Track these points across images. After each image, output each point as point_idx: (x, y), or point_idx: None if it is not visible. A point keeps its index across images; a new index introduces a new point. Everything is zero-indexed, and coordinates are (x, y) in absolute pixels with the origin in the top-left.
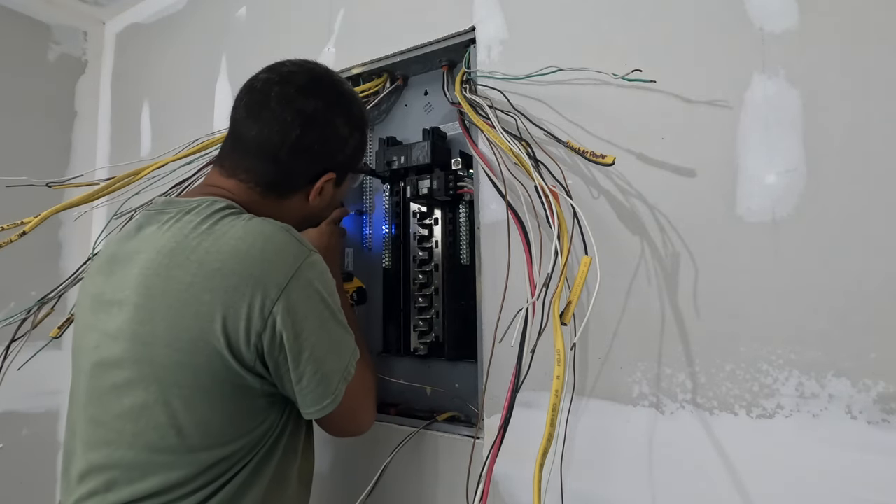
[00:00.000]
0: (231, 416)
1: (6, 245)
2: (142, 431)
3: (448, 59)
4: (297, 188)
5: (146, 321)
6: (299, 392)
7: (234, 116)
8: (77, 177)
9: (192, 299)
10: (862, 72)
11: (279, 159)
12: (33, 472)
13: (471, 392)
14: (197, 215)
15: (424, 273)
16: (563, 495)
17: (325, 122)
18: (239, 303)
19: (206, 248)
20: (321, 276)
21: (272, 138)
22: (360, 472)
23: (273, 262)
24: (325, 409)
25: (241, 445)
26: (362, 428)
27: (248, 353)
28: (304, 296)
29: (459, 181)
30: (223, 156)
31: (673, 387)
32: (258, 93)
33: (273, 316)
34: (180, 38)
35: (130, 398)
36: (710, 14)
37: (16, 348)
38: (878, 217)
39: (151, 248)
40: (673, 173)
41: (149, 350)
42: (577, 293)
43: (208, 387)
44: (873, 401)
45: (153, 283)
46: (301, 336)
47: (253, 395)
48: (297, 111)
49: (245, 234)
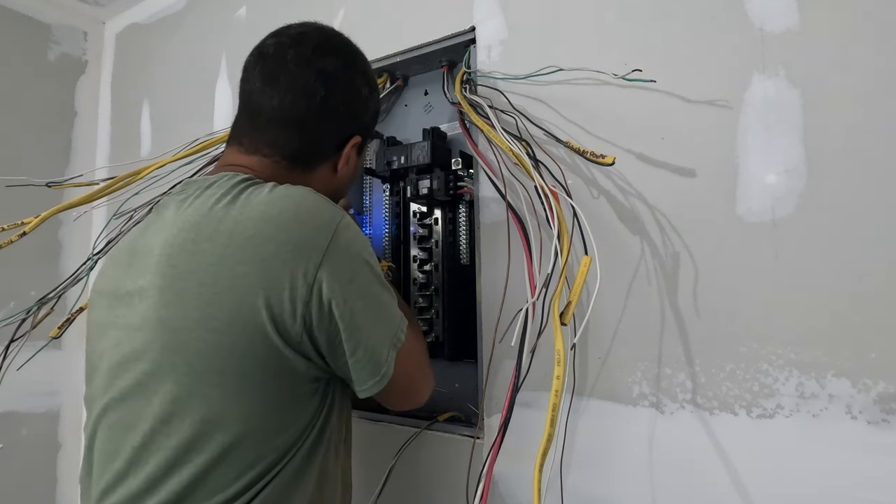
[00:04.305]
0: (275, 405)
1: (6, 245)
2: (174, 431)
3: (448, 59)
4: (325, 157)
5: (173, 303)
6: (354, 365)
7: (248, 88)
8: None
9: (225, 273)
10: (862, 72)
11: (305, 126)
12: (33, 472)
13: (471, 392)
14: (218, 188)
15: (424, 273)
16: (563, 495)
17: (348, 81)
18: (280, 271)
19: (235, 217)
20: (359, 237)
21: (297, 103)
22: (362, 472)
23: (309, 225)
24: (381, 382)
25: (284, 441)
26: (423, 396)
27: (294, 328)
28: (347, 258)
29: (459, 181)
30: (240, 133)
31: (673, 387)
32: (272, 58)
33: (318, 282)
34: (180, 38)
35: (160, 396)
36: (710, 14)
37: (15, 348)
38: (878, 217)
39: (172, 227)
40: (673, 173)
41: (178, 337)
42: (577, 293)
43: (250, 371)
44: (873, 401)
45: (178, 261)
46: (349, 301)
47: (298, 379)
48: (318, 71)
49: (273, 198)
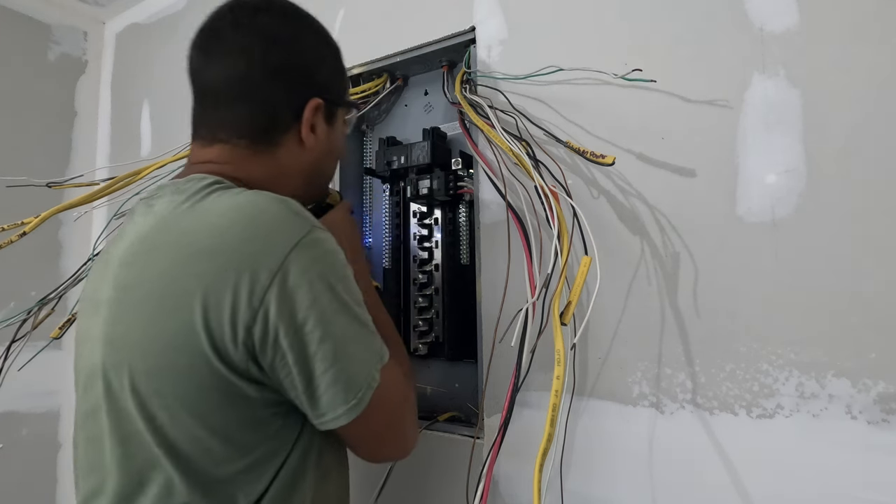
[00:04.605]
0: (227, 432)
1: (6, 245)
2: (132, 454)
3: (448, 59)
4: (283, 127)
5: (118, 320)
6: (308, 397)
7: (191, 68)
8: (77, 177)
9: (169, 290)
10: (862, 72)
11: (250, 93)
12: (33, 472)
13: (471, 392)
14: (182, 194)
15: (424, 273)
16: (562, 495)
17: (292, 38)
18: (222, 289)
19: (184, 228)
20: (327, 256)
21: (237, 67)
22: (362, 472)
23: (262, 241)
24: (347, 416)
25: (244, 466)
26: (404, 446)
27: (235, 353)
28: (306, 281)
29: (459, 181)
30: (197, 124)
31: (673, 387)
32: (208, 29)
33: (265, 306)
34: (180, 38)
35: (115, 414)
36: (710, 14)
37: (16, 349)
38: (878, 217)
39: (130, 235)
40: (673, 173)
41: (123, 355)
42: (577, 293)
43: (194, 397)
44: (873, 401)
45: (127, 273)
46: (304, 330)
47: (251, 405)
48: (257, 31)
49: (230, 207)
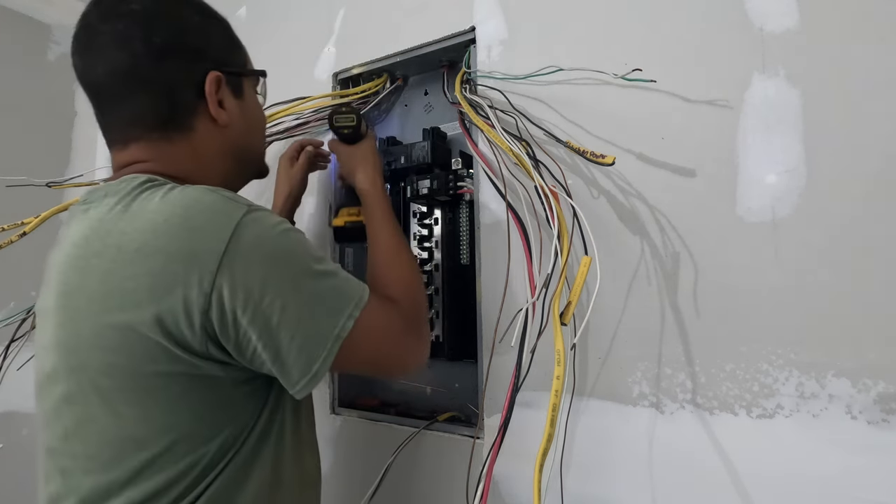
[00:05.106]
0: (194, 414)
1: (6, 245)
2: (95, 453)
3: (448, 59)
4: (189, 109)
5: (67, 324)
6: (279, 368)
7: (77, 75)
8: (77, 177)
9: (113, 289)
10: (862, 72)
11: (141, 81)
12: (33, 472)
13: (471, 392)
14: (114, 196)
15: (424, 273)
16: (562, 495)
17: (167, 15)
18: (171, 285)
19: (122, 228)
20: (270, 230)
21: (120, 58)
22: (362, 472)
23: (201, 230)
24: (313, 382)
25: (216, 446)
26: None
27: (194, 339)
28: (256, 258)
29: (459, 181)
30: (105, 130)
31: (673, 387)
32: (80, 30)
33: (217, 289)
34: None
35: (73, 415)
36: (709, 14)
37: (15, 348)
38: (878, 217)
39: (68, 242)
40: (673, 173)
41: (77, 357)
42: (577, 293)
43: (158, 385)
44: (873, 401)
45: (69, 278)
46: (262, 305)
47: (218, 385)
48: (128, 17)
49: (163, 204)
